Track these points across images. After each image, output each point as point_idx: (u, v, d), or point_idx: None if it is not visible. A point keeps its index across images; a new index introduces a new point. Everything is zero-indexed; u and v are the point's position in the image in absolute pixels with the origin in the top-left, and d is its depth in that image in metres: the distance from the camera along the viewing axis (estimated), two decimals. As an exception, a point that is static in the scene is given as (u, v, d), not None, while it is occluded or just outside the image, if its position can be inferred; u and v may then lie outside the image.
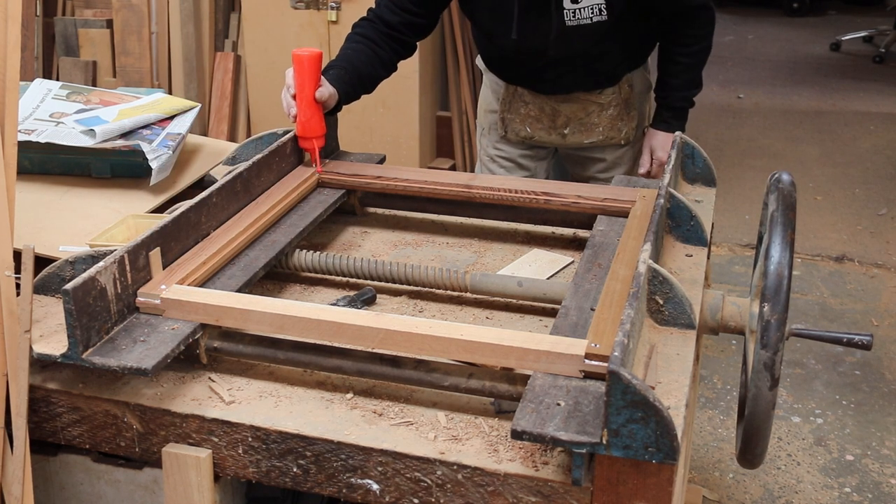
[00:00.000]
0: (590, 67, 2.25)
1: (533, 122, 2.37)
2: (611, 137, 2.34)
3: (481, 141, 2.54)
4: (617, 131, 2.34)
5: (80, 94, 2.14)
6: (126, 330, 1.36)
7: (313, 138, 1.87)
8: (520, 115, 2.38)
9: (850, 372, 3.19)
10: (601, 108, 2.32)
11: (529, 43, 2.16)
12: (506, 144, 2.46)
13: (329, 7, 3.94)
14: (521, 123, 2.38)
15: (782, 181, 1.45)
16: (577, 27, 2.10)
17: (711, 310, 1.47)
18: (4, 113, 1.34)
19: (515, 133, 2.41)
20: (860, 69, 6.85)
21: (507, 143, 2.45)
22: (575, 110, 2.32)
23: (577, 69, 2.24)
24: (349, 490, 1.26)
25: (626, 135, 2.35)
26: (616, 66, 2.29)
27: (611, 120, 2.33)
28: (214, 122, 4.29)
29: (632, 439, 1.09)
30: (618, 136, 2.35)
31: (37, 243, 1.48)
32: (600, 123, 2.33)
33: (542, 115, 2.35)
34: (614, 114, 2.32)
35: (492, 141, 2.49)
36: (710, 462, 2.74)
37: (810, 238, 4.19)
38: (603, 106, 2.32)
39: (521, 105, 2.36)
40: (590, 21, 2.09)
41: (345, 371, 1.34)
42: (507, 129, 2.41)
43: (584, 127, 2.34)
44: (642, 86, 2.37)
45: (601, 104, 2.32)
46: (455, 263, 1.74)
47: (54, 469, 1.41)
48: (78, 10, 4.38)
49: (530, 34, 2.14)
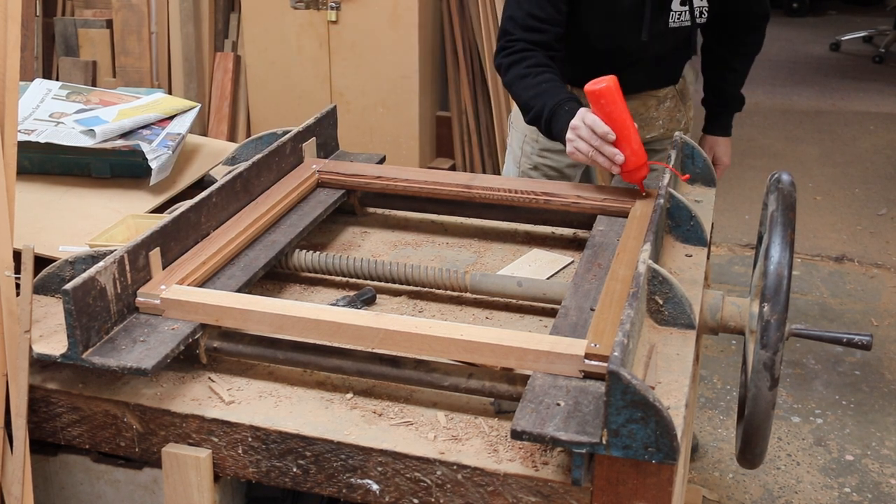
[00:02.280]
0: (662, 66, 2.25)
1: None
2: (671, 129, 2.32)
3: (523, 147, 2.37)
4: (676, 122, 2.34)
5: (79, 94, 2.14)
6: (126, 330, 1.36)
7: (643, 165, 1.72)
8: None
9: (850, 372, 3.19)
10: (659, 102, 2.31)
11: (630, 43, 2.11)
12: (554, 153, 2.31)
13: (329, 7, 3.94)
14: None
15: (782, 181, 1.45)
16: (677, 29, 2.10)
17: (711, 310, 1.47)
18: (4, 113, 1.34)
19: None
20: (860, 69, 6.85)
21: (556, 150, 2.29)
22: (636, 106, 2.25)
23: (651, 69, 2.23)
24: (349, 490, 1.26)
25: (686, 125, 2.35)
26: (680, 64, 2.31)
27: (669, 112, 2.32)
28: (214, 122, 4.29)
29: (632, 439, 1.09)
30: (677, 126, 2.34)
31: (37, 243, 1.48)
32: (660, 117, 2.31)
33: None
34: (672, 105, 2.32)
35: (536, 149, 2.33)
36: (710, 462, 2.74)
37: (810, 238, 4.19)
38: (660, 99, 2.31)
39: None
40: (690, 24, 2.09)
41: (345, 371, 1.34)
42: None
43: (645, 122, 2.30)
44: (692, 75, 2.38)
45: (659, 97, 2.31)
46: (455, 263, 1.74)
47: (54, 469, 1.41)
48: (78, 9, 4.38)
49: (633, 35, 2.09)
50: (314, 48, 4.05)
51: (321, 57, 4.06)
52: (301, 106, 4.12)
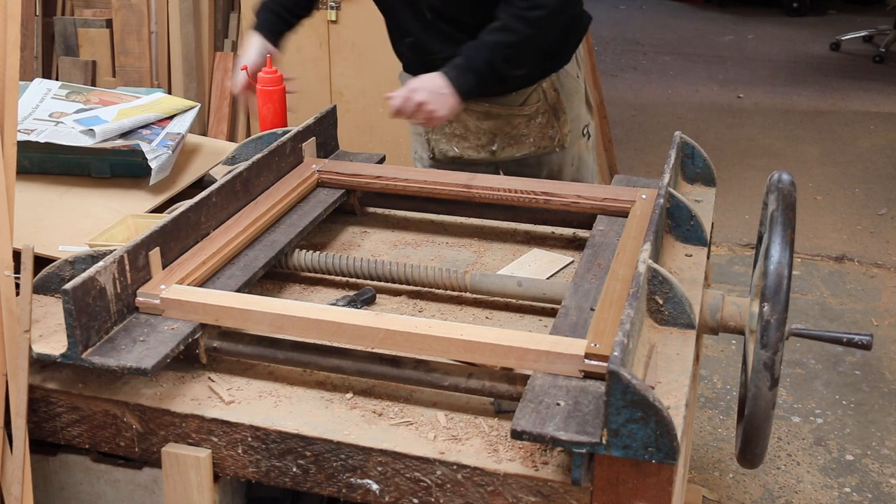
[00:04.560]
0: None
1: (459, 141, 2.19)
2: (544, 147, 2.19)
3: (415, 165, 2.34)
4: (549, 139, 2.19)
5: (79, 94, 2.14)
6: (126, 330, 1.36)
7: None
8: (445, 134, 2.20)
9: (850, 372, 3.19)
10: (528, 119, 2.17)
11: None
12: (438, 167, 2.25)
13: (329, 7, 3.94)
14: (447, 143, 2.21)
15: (782, 181, 1.45)
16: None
17: (711, 310, 1.47)
18: (4, 113, 1.34)
19: (444, 154, 2.22)
20: (860, 69, 6.85)
21: (436, 164, 2.26)
22: (500, 125, 2.15)
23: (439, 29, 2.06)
24: (349, 490, 1.25)
25: (560, 141, 2.19)
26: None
27: (540, 128, 2.17)
28: (214, 122, 4.29)
29: (632, 439, 1.09)
30: (550, 144, 2.19)
31: (36, 243, 1.48)
32: (530, 134, 2.18)
33: (467, 132, 2.18)
34: (543, 121, 2.17)
35: (424, 167, 2.29)
36: (710, 462, 2.74)
37: (810, 238, 4.19)
38: (529, 116, 2.16)
39: (445, 124, 2.17)
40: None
41: (344, 371, 1.34)
42: (435, 151, 2.23)
43: (513, 140, 2.18)
44: (569, 86, 2.19)
45: (527, 115, 2.16)
46: (455, 263, 1.74)
47: (54, 469, 1.41)
48: (77, 9, 4.38)
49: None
50: (314, 48, 4.05)
51: (321, 57, 4.05)
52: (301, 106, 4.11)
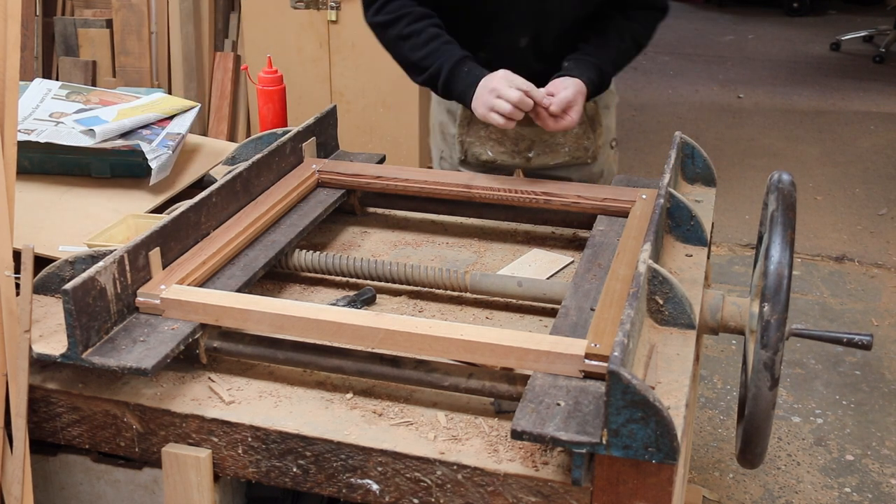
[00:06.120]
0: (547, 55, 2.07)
1: (495, 145, 2.16)
2: (577, 157, 2.17)
3: (441, 165, 2.31)
4: (584, 150, 2.17)
5: (79, 94, 2.14)
6: (126, 330, 1.36)
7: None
8: (480, 137, 2.16)
9: (850, 372, 3.19)
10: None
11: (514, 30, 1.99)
12: (466, 169, 2.22)
13: (329, 7, 3.94)
14: (481, 147, 2.17)
15: (782, 181, 1.45)
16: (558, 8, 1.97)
17: (711, 310, 1.47)
18: (4, 113, 1.33)
19: (476, 157, 2.19)
20: (860, 69, 6.85)
21: (467, 167, 2.23)
22: (539, 132, 2.11)
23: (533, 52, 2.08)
24: (349, 490, 1.25)
25: (593, 153, 2.18)
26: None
27: (576, 139, 2.16)
28: (214, 122, 4.29)
29: (632, 439, 1.09)
30: (584, 154, 2.19)
31: (36, 243, 1.48)
32: (566, 143, 2.17)
33: (504, 137, 2.15)
34: (580, 132, 2.15)
35: (452, 166, 2.26)
36: (710, 462, 2.74)
37: (810, 238, 4.19)
38: None
39: (480, 127, 2.15)
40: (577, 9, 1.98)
41: (345, 371, 1.34)
42: (468, 154, 2.19)
43: (550, 148, 2.16)
44: (607, 99, 2.21)
45: None
46: (455, 263, 1.74)
47: (54, 469, 1.41)
48: (77, 9, 4.39)
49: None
50: (314, 48, 4.05)
51: (321, 57, 4.06)
52: (301, 106, 4.12)
